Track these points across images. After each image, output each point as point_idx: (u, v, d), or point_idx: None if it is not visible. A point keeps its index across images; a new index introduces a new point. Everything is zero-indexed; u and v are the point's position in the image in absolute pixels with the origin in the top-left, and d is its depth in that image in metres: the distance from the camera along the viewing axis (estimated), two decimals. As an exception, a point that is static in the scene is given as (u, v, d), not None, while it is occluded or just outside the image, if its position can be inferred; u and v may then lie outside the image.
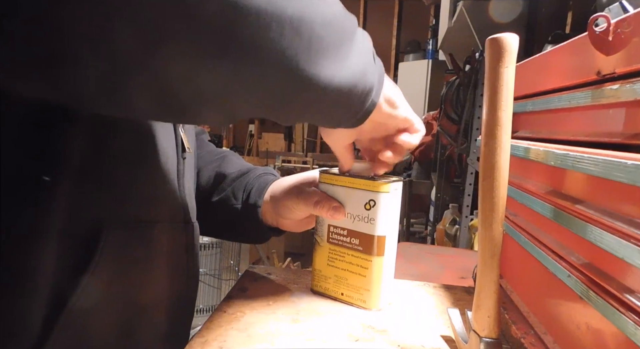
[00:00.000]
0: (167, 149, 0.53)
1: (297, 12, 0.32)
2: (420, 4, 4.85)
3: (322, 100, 0.41)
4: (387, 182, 0.57)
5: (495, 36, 0.41)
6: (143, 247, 0.50)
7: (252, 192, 0.66)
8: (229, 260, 2.57)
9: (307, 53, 0.34)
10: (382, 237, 0.58)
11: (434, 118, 3.25)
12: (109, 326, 0.47)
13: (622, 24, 0.34)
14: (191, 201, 0.61)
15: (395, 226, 0.60)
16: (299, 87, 0.37)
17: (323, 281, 0.63)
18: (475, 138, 1.93)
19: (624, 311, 0.30)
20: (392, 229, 0.59)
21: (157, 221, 0.52)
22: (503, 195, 0.41)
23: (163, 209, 0.53)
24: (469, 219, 2.03)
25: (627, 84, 0.33)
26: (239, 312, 0.57)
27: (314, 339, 0.51)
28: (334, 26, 0.36)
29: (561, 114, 0.48)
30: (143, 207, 0.50)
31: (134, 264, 0.49)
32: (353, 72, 0.41)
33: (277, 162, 5.19)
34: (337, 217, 0.59)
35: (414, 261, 1.36)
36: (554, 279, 0.41)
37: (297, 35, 0.33)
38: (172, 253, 0.55)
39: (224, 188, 0.68)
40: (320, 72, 0.36)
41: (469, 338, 0.46)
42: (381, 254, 0.58)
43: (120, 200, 0.47)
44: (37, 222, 0.40)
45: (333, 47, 0.37)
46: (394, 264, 0.61)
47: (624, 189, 0.32)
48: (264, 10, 0.30)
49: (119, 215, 0.46)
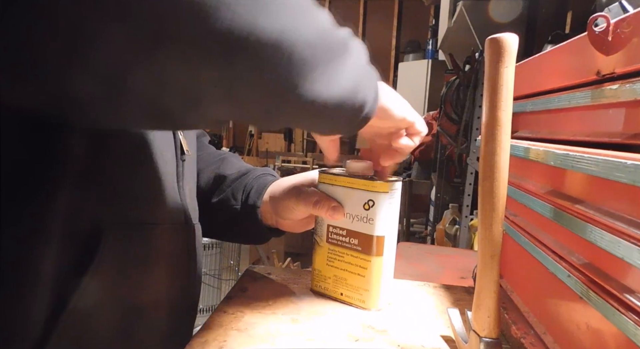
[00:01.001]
0: (166, 151, 0.53)
1: (275, 34, 0.31)
2: (420, 4, 4.85)
3: (307, 116, 0.41)
4: (386, 183, 0.57)
5: (495, 36, 0.41)
6: (143, 249, 0.50)
7: (252, 193, 0.66)
8: (229, 260, 2.57)
9: (287, 75, 0.34)
10: (381, 238, 0.58)
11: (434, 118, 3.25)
12: (110, 326, 0.47)
13: (621, 24, 0.34)
14: (192, 202, 0.61)
15: (395, 226, 0.60)
16: (282, 106, 0.37)
17: (322, 281, 0.63)
18: (475, 138, 1.93)
19: (624, 311, 0.30)
20: (391, 229, 0.59)
21: (157, 223, 0.51)
22: (503, 195, 0.41)
23: (163, 211, 0.53)
24: (469, 219, 2.03)
25: (627, 84, 0.33)
26: (239, 312, 0.57)
27: (314, 340, 0.51)
28: (318, 46, 0.36)
29: (561, 114, 0.48)
30: (143, 209, 0.49)
31: (134, 266, 0.49)
32: (342, 89, 0.40)
33: (277, 163, 5.19)
34: (336, 217, 0.59)
35: (414, 261, 1.36)
36: (554, 279, 0.41)
37: (277, 58, 0.32)
38: (172, 255, 0.55)
39: (224, 189, 0.69)
40: (303, 93, 0.36)
41: (469, 338, 0.46)
42: (380, 254, 0.58)
43: (120, 201, 0.47)
44: (37, 223, 0.40)
45: (318, 67, 0.36)
46: (393, 264, 0.61)
47: (624, 189, 0.32)
48: (245, 34, 0.29)
49: (119, 216, 0.46)
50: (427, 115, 3.65)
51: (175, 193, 0.55)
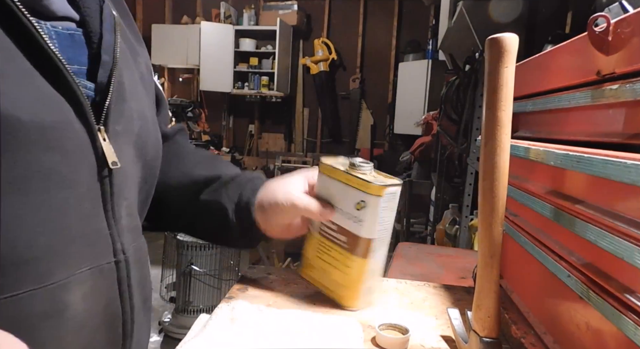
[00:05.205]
0: (77, 170, 0.42)
1: None
2: (420, 4, 4.85)
3: None
4: (381, 186, 0.54)
5: (495, 36, 0.41)
6: (44, 319, 0.39)
7: (245, 192, 0.63)
8: (229, 260, 2.57)
9: None
10: (368, 240, 0.56)
11: (434, 118, 3.25)
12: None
13: (621, 24, 0.34)
14: (132, 221, 0.51)
15: (388, 230, 0.58)
16: None
17: (310, 269, 0.63)
18: (475, 138, 1.93)
19: (624, 311, 0.30)
20: (382, 234, 0.57)
21: (62, 279, 0.40)
22: (503, 195, 0.41)
23: (72, 256, 0.42)
24: (469, 219, 2.03)
25: (627, 84, 0.33)
26: (239, 312, 0.57)
27: (314, 339, 0.51)
28: None
29: (561, 114, 0.48)
30: (37, 263, 0.38)
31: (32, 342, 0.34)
32: None
33: (277, 162, 5.19)
34: (325, 217, 0.58)
35: (414, 261, 1.36)
36: (554, 279, 0.41)
37: None
38: (92, 313, 0.44)
39: (216, 188, 0.64)
40: None
41: (469, 338, 0.46)
42: (365, 256, 0.56)
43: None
44: None
45: None
46: (381, 268, 0.60)
47: (624, 189, 0.32)
48: None
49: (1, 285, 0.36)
50: (427, 115, 3.65)
51: (96, 223, 0.45)
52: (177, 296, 2.53)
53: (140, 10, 5.89)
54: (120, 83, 0.47)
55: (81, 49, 0.46)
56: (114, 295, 0.47)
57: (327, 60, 5.37)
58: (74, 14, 0.46)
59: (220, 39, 5.36)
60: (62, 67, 0.40)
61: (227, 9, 5.43)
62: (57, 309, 0.40)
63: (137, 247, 0.51)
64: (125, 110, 0.48)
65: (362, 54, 5.39)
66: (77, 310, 0.42)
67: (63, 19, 0.44)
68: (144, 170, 0.53)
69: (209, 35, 5.29)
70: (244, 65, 5.52)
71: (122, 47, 0.49)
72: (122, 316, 0.47)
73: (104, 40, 0.47)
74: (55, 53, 0.40)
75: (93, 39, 0.46)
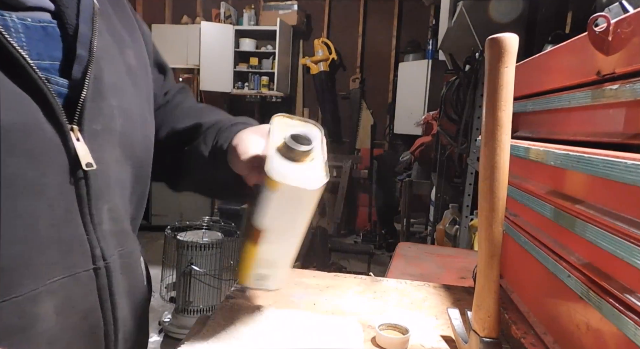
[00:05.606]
0: (45, 171, 0.39)
1: None
2: (420, 4, 4.85)
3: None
4: (275, 182, 0.47)
5: (495, 36, 0.41)
6: (16, 332, 0.37)
7: (222, 137, 0.58)
8: (229, 260, 2.57)
9: None
10: (258, 230, 0.50)
11: (434, 118, 3.25)
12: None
13: (621, 24, 0.34)
14: (117, 225, 0.48)
15: (291, 229, 0.52)
16: None
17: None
18: (475, 138, 1.93)
19: (624, 311, 0.30)
20: (278, 228, 0.51)
21: (31, 290, 0.38)
22: (503, 195, 0.41)
23: (43, 264, 0.39)
24: (469, 219, 2.03)
25: (627, 84, 0.33)
26: (239, 312, 0.57)
27: (314, 339, 0.51)
28: None
29: (561, 114, 0.48)
30: (8, 273, 0.36)
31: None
32: None
33: (277, 162, 5.17)
34: (249, 182, 0.55)
35: (414, 261, 1.36)
36: (554, 279, 0.41)
37: None
38: (71, 319, 0.42)
39: (196, 137, 0.60)
40: None
41: (469, 338, 0.46)
42: (255, 242, 0.51)
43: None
44: None
45: None
46: (284, 262, 0.54)
47: (624, 189, 0.32)
48: None
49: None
50: (427, 115, 3.65)
51: (71, 229, 0.42)
52: (177, 296, 2.53)
53: (140, 10, 5.89)
54: (97, 79, 0.44)
55: (54, 42, 0.42)
56: (92, 305, 0.44)
57: (327, 60, 5.37)
58: (48, 4, 0.42)
59: (220, 39, 5.36)
60: (26, 63, 0.37)
61: (227, 9, 5.43)
62: (26, 322, 0.38)
63: (124, 252, 0.48)
64: (105, 107, 0.45)
65: (362, 54, 5.39)
66: (48, 323, 0.39)
67: (35, 9, 0.41)
68: (134, 169, 0.51)
69: (209, 35, 5.29)
70: (244, 66, 5.52)
71: (104, 39, 0.46)
72: (103, 327, 0.45)
73: (80, 33, 0.43)
74: (16, 48, 0.37)
75: (69, 31, 0.43)
